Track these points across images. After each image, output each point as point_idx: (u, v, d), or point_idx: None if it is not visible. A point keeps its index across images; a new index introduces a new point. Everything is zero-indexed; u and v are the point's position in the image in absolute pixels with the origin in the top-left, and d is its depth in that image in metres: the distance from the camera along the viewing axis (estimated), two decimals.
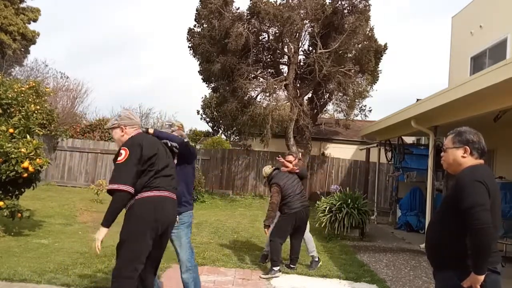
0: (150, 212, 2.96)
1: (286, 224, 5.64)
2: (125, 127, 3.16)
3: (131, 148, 2.97)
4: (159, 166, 3.05)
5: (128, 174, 2.91)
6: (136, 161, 2.95)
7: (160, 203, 3.02)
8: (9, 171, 5.89)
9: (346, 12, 13.35)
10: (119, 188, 2.86)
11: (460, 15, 12.67)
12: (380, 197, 13.78)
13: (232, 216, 10.81)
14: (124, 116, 3.20)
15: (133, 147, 2.98)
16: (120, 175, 2.91)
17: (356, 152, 15.90)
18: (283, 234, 5.63)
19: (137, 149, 2.97)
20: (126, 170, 2.91)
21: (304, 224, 5.84)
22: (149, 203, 2.97)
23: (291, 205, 5.61)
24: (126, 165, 2.92)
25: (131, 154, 2.95)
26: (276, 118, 13.01)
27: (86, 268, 5.00)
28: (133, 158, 2.94)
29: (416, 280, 5.75)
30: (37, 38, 23.84)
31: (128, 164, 2.92)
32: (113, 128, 3.20)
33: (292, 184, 5.76)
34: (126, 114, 3.22)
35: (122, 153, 2.95)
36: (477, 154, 2.48)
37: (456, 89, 6.36)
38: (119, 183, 2.87)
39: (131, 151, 2.96)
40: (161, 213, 3.02)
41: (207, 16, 13.20)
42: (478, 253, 2.22)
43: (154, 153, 3.04)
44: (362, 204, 8.45)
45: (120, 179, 2.89)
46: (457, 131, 2.57)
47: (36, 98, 7.08)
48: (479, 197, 2.25)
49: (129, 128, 3.17)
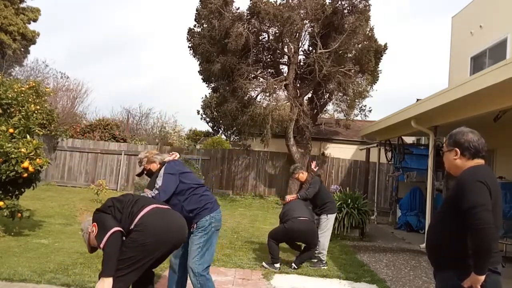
0: (151, 223, 2.99)
1: (283, 233, 5.88)
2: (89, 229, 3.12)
3: (94, 218, 3.06)
4: (124, 202, 3.12)
5: (107, 223, 2.94)
6: (105, 214, 3.02)
7: (155, 215, 3.06)
8: (9, 171, 5.88)
9: (346, 12, 13.35)
10: (109, 235, 2.85)
11: (460, 15, 12.67)
12: (380, 197, 13.78)
13: (232, 216, 10.81)
14: (83, 226, 3.22)
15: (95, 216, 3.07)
16: (102, 230, 2.91)
17: (356, 152, 15.90)
18: (276, 238, 5.86)
19: (98, 213, 3.07)
20: (103, 223, 2.95)
21: (304, 236, 5.89)
22: (144, 220, 3.00)
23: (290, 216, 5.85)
24: (101, 223, 2.97)
25: (97, 218, 3.02)
26: (276, 118, 13.00)
27: (86, 268, 5.00)
28: (101, 216, 3.02)
29: (416, 280, 5.75)
30: (37, 38, 23.84)
31: (101, 221, 2.98)
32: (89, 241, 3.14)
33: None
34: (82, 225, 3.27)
35: (93, 230, 2.99)
36: (469, 155, 2.45)
37: (456, 89, 6.36)
38: (104, 235, 2.86)
39: (96, 218, 3.04)
40: (164, 224, 3.06)
41: (207, 16, 13.20)
42: (479, 253, 2.22)
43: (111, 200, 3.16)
44: (362, 204, 8.46)
45: (104, 233, 2.88)
46: (449, 134, 2.58)
47: (36, 98, 7.08)
48: (480, 197, 2.25)
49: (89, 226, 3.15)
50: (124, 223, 2.96)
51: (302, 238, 5.94)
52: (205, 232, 3.57)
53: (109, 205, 3.10)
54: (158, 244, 2.96)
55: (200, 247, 3.55)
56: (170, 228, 3.06)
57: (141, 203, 3.11)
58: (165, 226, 3.03)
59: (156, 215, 3.04)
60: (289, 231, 5.77)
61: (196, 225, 3.58)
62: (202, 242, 3.56)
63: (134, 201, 3.11)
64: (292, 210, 5.91)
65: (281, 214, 6.10)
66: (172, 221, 3.13)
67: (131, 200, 3.12)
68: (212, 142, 22.69)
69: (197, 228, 3.58)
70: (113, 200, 3.15)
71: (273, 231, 5.96)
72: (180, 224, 3.18)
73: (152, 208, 3.07)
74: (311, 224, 5.89)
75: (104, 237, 2.85)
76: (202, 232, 3.57)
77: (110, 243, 2.84)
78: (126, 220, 2.97)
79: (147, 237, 2.90)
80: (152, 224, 2.96)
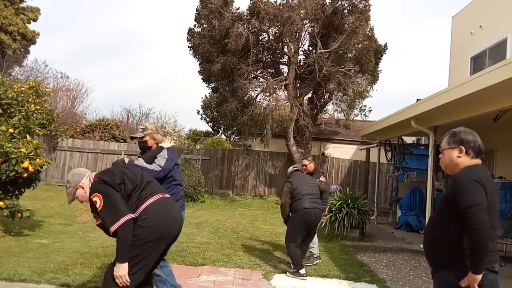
0: (156, 218, 2.90)
1: (295, 226, 5.61)
2: (82, 184, 3.05)
3: (100, 190, 2.88)
4: (134, 181, 2.99)
5: (120, 206, 2.82)
6: (114, 191, 2.87)
7: (160, 206, 2.97)
8: (9, 171, 5.89)
9: (346, 12, 13.36)
10: (121, 224, 2.76)
11: (460, 15, 12.67)
12: (380, 197, 13.79)
13: (232, 216, 10.81)
14: (70, 178, 3.10)
15: (100, 187, 2.89)
16: (114, 212, 2.80)
17: (356, 152, 15.90)
18: (294, 238, 5.59)
19: (104, 185, 2.89)
20: (115, 204, 2.82)
21: (314, 227, 5.80)
22: (150, 211, 2.91)
23: (300, 204, 5.58)
24: (110, 202, 2.83)
25: (104, 191, 2.86)
26: (276, 118, 13.01)
27: (86, 268, 5.00)
28: (109, 191, 2.87)
29: (416, 280, 5.75)
30: (37, 38, 23.83)
31: (111, 200, 2.83)
32: (74, 195, 3.09)
33: (305, 185, 5.77)
34: (70, 176, 3.14)
35: (97, 200, 2.85)
36: (473, 154, 2.48)
37: (456, 89, 6.36)
38: (117, 220, 2.76)
39: (102, 190, 2.87)
40: (168, 217, 2.99)
41: (207, 16, 13.21)
42: (476, 252, 2.23)
43: (120, 175, 2.97)
44: (362, 204, 8.45)
45: (117, 215, 2.78)
46: (451, 132, 2.58)
47: (36, 98, 7.09)
48: (476, 197, 2.26)
49: (84, 180, 3.07)
50: (131, 207, 2.89)
51: (313, 229, 5.85)
52: None
53: (119, 182, 2.92)
54: (162, 239, 2.93)
55: None
56: (173, 220, 3.03)
57: (150, 189, 3.01)
58: (169, 219, 2.99)
59: (161, 206, 2.97)
60: (305, 224, 5.57)
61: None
62: None
63: (144, 185, 3.00)
64: (303, 197, 5.64)
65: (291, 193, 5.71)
66: (175, 213, 3.10)
67: (141, 182, 3.00)
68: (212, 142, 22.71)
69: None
70: (123, 176, 2.96)
71: (288, 234, 5.66)
72: (180, 215, 3.19)
73: (159, 198, 2.99)
74: (321, 213, 5.88)
75: (116, 221, 2.76)
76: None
77: (124, 229, 2.77)
78: (132, 205, 2.90)
79: (152, 233, 2.86)
80: (157, 219, 2.89)
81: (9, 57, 20.36)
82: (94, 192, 2.90)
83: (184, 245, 6.64)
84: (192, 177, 12.88)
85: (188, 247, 6.55)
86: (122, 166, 3.29)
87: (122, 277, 2.76)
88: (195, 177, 13.01)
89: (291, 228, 5.67)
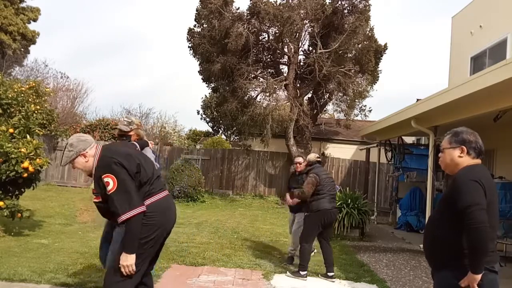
0: (159, 217, 2.89)
1: (313, 227, 5.42)
2: (85, 152, 2.92)
3: (115, 172, 2.75)
4: (148, 173, 2.91)
5: (134, 195, 2.75)
6: (130, 179, 2.79)
7: (165, 204, 2.97)
8: (9, 171, 5.88)
9: (346, 12, 13.35)
10: (134, 214, 2.71)
11: (460, 15, 12.67)
12: (380, 197, 13.78)
13: (232, 216, 10.81)
14: (75, 142, 2.94)
15: (116, 170, 2.75)
16: (127, 200, 2.72)
17: (356, 152, 15.90)
18: (310, 238, 5.44)
19: (121, 169, 2.77)
20: (129, 192, 2.74)
21: (330, 227, 5.72)
22: (156, 208, 2.87)
23: (321, 203, 5.39)
24: (125, 188, 2.74)
25: (121, 176, 2.74)
26: (276, 118, 13.01)
27: (86, 268, 4.99)
28: (126, 178, 2.76)
29: (416, 280, 5.75)
30: (37, 38, 23.84)
31: (126, 186, 2.74)
32: (73, 160, 2.95)
33: (328, 182, 5.57)
34: (76, 139, 2.98)
35: (109, 181, 2.73)
36: (474, 154, 2.49)
37: (456, 89, 6.36)
38: (131, 208, 2.70)
39: (118, 174, 2.74)
40: (168, 215, 2.98)
41: (207, 16, 13.21)
42: (475, 252, 2.24)
43: (137, 164, 2.87)
44: (362, 204, 8.46)
45: (131, 204, 2.71)
46: (453, 132, 2.58)
47: (36, 98, 7.09)
48: (475, 197, 2.27)
49: (90, 150, 2.93)
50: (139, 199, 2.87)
51: (330, 229, 5.79)
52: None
53: (136, 171, 2.83)
54: (161, 235, 2.94)
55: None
56: (171, 218, 3.05)
57: (158, 184, 2.98)
58: (168, 215, 3.00)
59: (164, 203, 2.96)
60: (324, 225, 5.43)
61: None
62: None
63: (154, 179, 2.95)
64: (325, 196, 5.43)
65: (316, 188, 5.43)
66: (174, 209, 3.11)
67: (152, 176, 2.94)
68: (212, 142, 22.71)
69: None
70: (141, 166, 2.86)
71: (305, 234, 5.44)
72: (175, 210, 3.19)
73: (164, 196, 2.97)
74: (337, 213, 5.84)
75: (129, 210, 2.70)
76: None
77: (137, 220, 2.73)
78: (140, 195, 2.84)
79: (153, 231, 2.85)
80: (159, 218, 2.89)
81: (9, 57, 20.35)
82: (108, 173, 2.76)
83: (184, 245, 6.64)
84: (192, 177, 12.88)
85: (188, 247, 6.55)
86: (139, 154, 3.15)
87: (129, 266, 2.73)
88: (195, 177, 13.01)
89: (309, 227, 5.43)
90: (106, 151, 2.91)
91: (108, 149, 2.98)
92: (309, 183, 5.42)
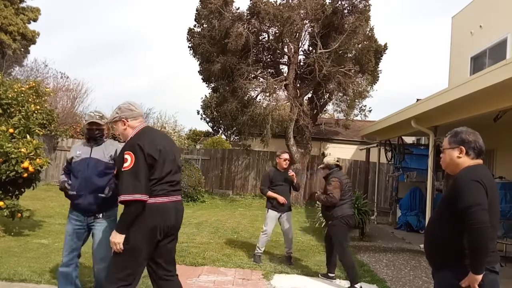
0: (151, 220, 2.84)
1: (343, 232, 5.20)
2: (126, 120, 3.03)
3: (137, 154, 2.79)
4: (162, 171, 2.88)
5: (143, 182, 2.75)
6: (146, 167, 2.79)
7: (160, 209, 2.89)
8: (9, 171, 5.88)
9: (346, 12, 13.35)
10: (135, 199, 2.72)
11: (460, 15, 12.67)
12: (380, 197, 13.79)
13: (232, 216, 10.80)
14: (124, 108, 3.07)
15: (138, 153, 2.80)
16: (134, 183, 2.73)
17: (356, 152, 15.90)
18: (343, 245, 5.15)
19: (141, 153, 2.79)
20: (139, 178, 2.75)
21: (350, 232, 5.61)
22: (149, 211, 2.84)
23: (343, 209, 5.20)
24: (137, 172, 2.76)
25: (140, 160, 2.77)
26: (276, 118, 13.01)
27: (86, 268, 4.99)
28: (142, 165, 2.77)
29: (416, 280, 5.75)
30: (37, 38, 23.85)
31: (138, 171, 2.76)
32: (114, 122, 3.11)
33: (349, 188, 5.37)
34: (126, 105, 3.09)
35: (128, 159, 2.77)
36: (473, 154, 2.48)
37: (456, 89, 6.36)
38: (134, 193, 2.72)
39: (138, 157, 2.78)
40: (160, 219, 2.89)
41: (207, 16, 13.21)
42: (476, 252, 2.23)
43: (155, 159, 2.84)
44: (362, 204, 8.46)
45: (136, 189, 2.72)
46: (453, 132, 2.58)
47: (36, 98, 7.09)
48: (476, 197, 2.26)
49: (132, 121, 3.03)
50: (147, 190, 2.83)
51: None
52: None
53: (153, 162, 2.82)
54: (150, 236, 2.92)
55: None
56: (166, 220, 3.00)
57: (165, 189, 2.91)
58: (159, 218, 2.95)
59: (159, 207, 2.91)
60: (349, 230, 5.41)
61: (106, 213, 3.51)
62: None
63: (164, 182, 2.90)
64: (346, 202, 5.27)
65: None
66: (171, 214, 3.05)
67: (162, 179, 2.89)
68: (212, 142, 22.72)
69: (110, 217, 3.53)
70: (157, 163, 2.84)
71: (342, 244, 5.10)
72: (175, 215, 3.16)
73: (164, 201, 2.90)
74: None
75: (133, 193, 2.72)
76: (113, 222, 3.46)
77: (137, 206, 2.75)
78: (149, 188, 2.84)
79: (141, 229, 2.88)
80: (149, 219, 2.87)
81: (9, 57, 20.35)
82: (131, 151, 2.80)
83: (184, 245, 6.64)
84: (192, 177, 12.88)
85: (188, 247, 6.55)
86: (167, 153, 2.99)
87: (117, 244, 2.78)
88: (195, 177, 13.01)
89: (338, 235, 5.16)
90: (142, 134, 2.96)
91: (146, 133, 2.99)
92: (336, 188, 5.19)
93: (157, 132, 3.16)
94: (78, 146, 3.73)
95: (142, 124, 3.06)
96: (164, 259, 3.03)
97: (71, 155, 3.62)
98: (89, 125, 3.63)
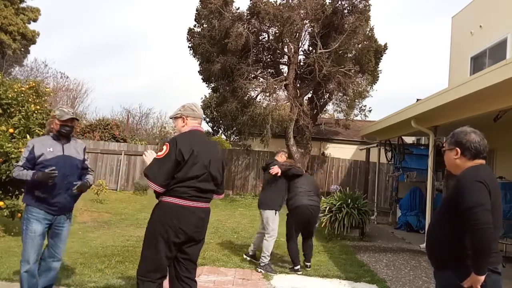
0: (167, 218, 2.97)
1: (290, 223, 5.86)
2: (186, 118, 3.20)
3: (172, 146, 2.98)
4: (187, 173, 2.97)
5: (161, 171, 2.93)
6: (175, 161, 2.94)
7: (180, 212, 2.99)
8: (9, 171, 5.88)
9: (346, 12, 13.35)
10: (153, 185, 2.94)
11: (460, 15, 12.67)
12: (380, 197, 13.78)
13: (232, 216, 10.80)
14: (187, 106, 3.25)
15: (172, 147, 2.98)
16: (154, 171, 2.95)
17: (356, 152, 15.90)
18: (291, 236, 5.79)
19: (175, 149, 2.96)
20: (160, 166, 2.94)
21: (311, 224, 5.90)
22: (168, 209, 2.98)
23: (295, 201, 5.81)
24: (164, 162, 2.94)
25: (173, 152, 2.95)
26: (276, 118, 13.01)
27: (86, 268, 4.99)
28: (172, 159, 2.94)
29: (416, 280, 5.75)
30: (37, 38, 23.82)
31: (166, 162, 2.94)
32: (175, 118, 3.27)
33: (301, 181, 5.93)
34: (189, 105, 3.28)
35: (164, 148, 2.98)
36: (470, 155, 2.44)
37: (456, 89, 6.35)
38: (152, 180, 2.94)
39: (172, 149, 2.96)
40: (176, 220, 2.98)
41: (207, 16, 13.21)
42: (478, 253, 2.22)
43: (185, 160, 2.95)
44: (362, 204, 8.45)
45: (153, 175, 2.94)
46: (452, 133, 2.57)
47: (36, 98, 7.08)
48: (479, 197, 2.25)
49: (191, 120, 3.21)
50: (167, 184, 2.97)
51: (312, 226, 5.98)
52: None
53: (181, 160, 2.96)
54: (166, 234, 3.07)
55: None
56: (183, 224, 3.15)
57: (186, 192, 3.00)
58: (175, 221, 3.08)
59: (178, 209, 3.03)
60: (299, 220, 5.78)
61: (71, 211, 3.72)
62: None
63: (188, 186, 2.99)
64: (301, 192, 5.89)
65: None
66: (189, 218, 3.14)
67: (185, 181, 2.99)
68: None
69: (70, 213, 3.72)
70: (186, 164, 2.95)
71: (287, 231, 5.87)
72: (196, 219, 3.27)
73: (183, 204, 3.00)
74: (318, 210, 6.05)
75: (149, 177, 2.94)
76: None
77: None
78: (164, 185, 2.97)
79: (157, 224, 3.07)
80: (164, 218, 3.03)
81: (9, 57, 20.36)
82: (169, 143, 3.00)
83: None
84: None
85: None
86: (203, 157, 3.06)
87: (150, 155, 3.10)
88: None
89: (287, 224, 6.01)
90: (189, 133, 3.13)
91: (192, 133, 3.15)
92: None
93: (202, 137, 3.23)
94: (43, 142, 3.51)
95: (197, 127, 3.24)
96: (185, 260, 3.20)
97: (40, 151, 3.41)
98: (64, 122, 3.50)
